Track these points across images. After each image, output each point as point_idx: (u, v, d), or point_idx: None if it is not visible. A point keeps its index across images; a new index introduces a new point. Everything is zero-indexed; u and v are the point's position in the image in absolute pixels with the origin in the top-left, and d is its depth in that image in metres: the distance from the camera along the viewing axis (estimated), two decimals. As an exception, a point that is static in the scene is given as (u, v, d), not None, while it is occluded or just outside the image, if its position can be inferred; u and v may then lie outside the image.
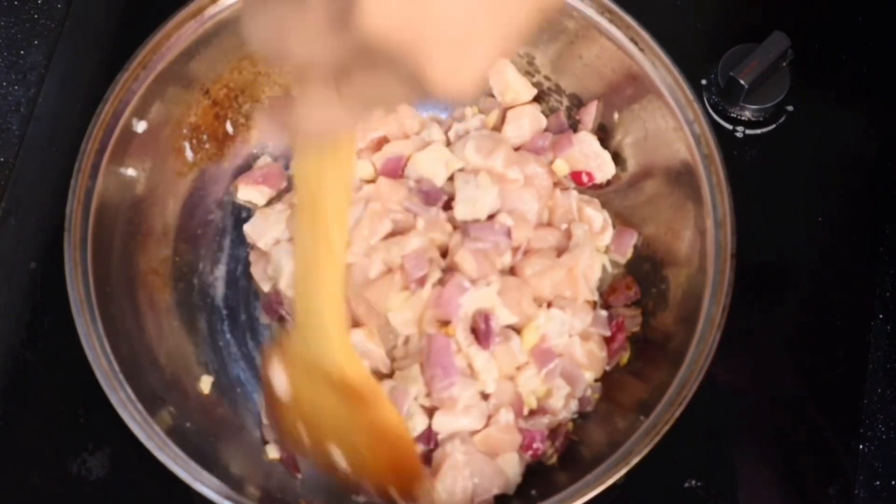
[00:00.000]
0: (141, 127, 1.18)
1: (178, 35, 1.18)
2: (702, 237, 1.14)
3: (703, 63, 1.35)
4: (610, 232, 1.23)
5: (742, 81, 1.32)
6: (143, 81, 1.16)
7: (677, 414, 1.05)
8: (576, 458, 1.15)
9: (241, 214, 1.29)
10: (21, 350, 1.23)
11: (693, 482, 1.20)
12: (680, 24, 1.33)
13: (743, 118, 1.36)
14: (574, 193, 1.23)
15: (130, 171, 1.18)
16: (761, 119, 1.37)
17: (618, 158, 1.27)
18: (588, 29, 1.22)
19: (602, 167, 1.25)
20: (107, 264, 1.13)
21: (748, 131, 1.36)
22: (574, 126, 1.30)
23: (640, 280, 1.23)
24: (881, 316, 1.28)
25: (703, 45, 1.37)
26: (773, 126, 1.37)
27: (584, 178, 1.26)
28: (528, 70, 1.31)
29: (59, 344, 1.22)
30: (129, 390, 1.06)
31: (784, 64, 1.35)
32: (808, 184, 1.35)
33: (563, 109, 1.31)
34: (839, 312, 1.28)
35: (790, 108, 1.37)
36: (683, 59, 1.18)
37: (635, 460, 1.04)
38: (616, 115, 1.26)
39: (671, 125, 1.18)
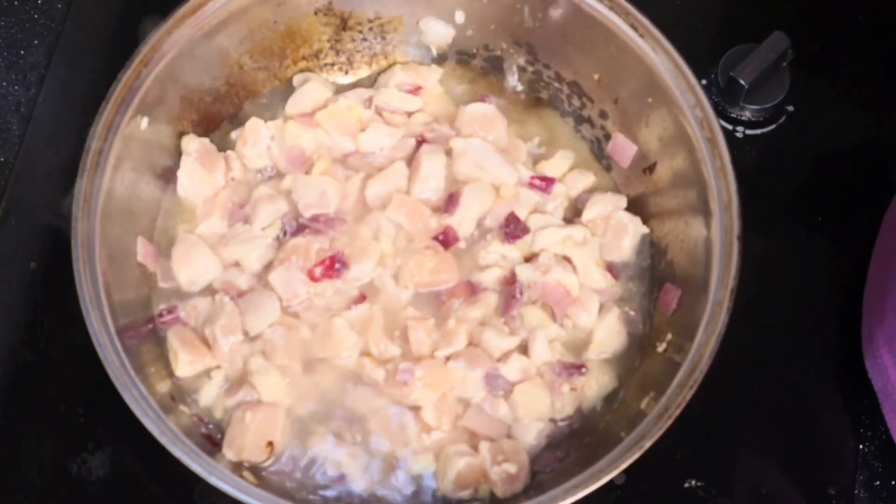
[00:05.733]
0: (144, 124, 1.18)
1: (178, 32, 1.18)
2: (707, 221, 1.15)
3: (703, 63, 1.35)
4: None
5: (742, 81, 1.32)
6: (145, 79, 1.16)
7: (689, 396, 1.06)
8: (590, 442, 1.15)
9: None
10: (21, 350, 1.23)
11: (693, 482, 1.20)
12: (680, 25, 1.33)
13: (743, 118, 1.36)
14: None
15: (134, 168, 1.18)
16: (761, 119, 1.37)
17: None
18: (588, 17, 1.22)
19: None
20: (113, 261, 1.13)
21: (748, 131, 1.37)
22: (575, 115, 1.32)
23: (647, 265, 1.24)
24: (881, 316, 1.28)
25: (703, 45, 1.37)
26: (773, 126, 1.37)
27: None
28: (528, 59, 1.31)
29: (59, 344, 1.23)
30: (142, 388, 1.06)
31: (784, 64, 1.35)
32: (808, 184, 1.35)
33: (563, 97, 1.32)
34: (839, 312, 1.28)
35: (790, 108, 1.37)
36: (684, 60, 1.19)
37: (648, 444, 1.05)
38: (617, 103, 1.27)
39: (673, 110, 1.18)
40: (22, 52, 1.38)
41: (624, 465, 1.04)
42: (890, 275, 1.20)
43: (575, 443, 1.16)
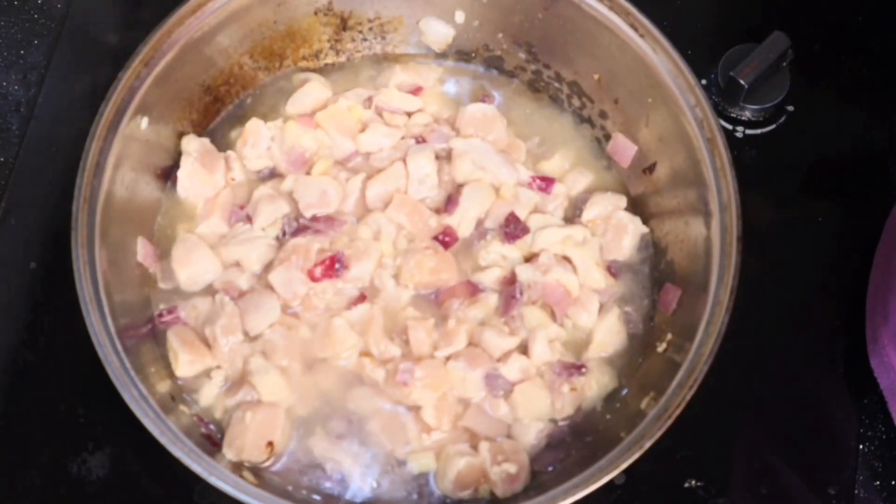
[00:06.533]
0: (144, 124, 1.18)
1: (178, 32, 1.18)
2: (707, 221, 1.15)
3: (703, 63, 1.35)
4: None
5: (742, 81, 1.32)
6: (144, 79, 1.16)
7: (689, 396, 1.06)
8: (590, 442, 1.15)
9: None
10: (21, 350, 1.23)
11: (693, 482, 1.20)
12: (680, 25, 1.33)
13: (743, 118, 1.37)
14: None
15: (134, 168, 1.18)
16: (761, 119, 1.37)
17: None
18: (588, 17, 1.22)
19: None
20: (113, 261, 1.13)
21: (748, 131, 1.37)
22: (575, 115, 1.32)
23: (647, 265, 1.25)
24: (881, 316, 1.28)
25: (703, 45, 1.37)
26: (773, 126, 1.37)
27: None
28: (528, 59, 1.31)
29: (59, 344, 1.23)
30: (142, 388, 1.06)
31: (784, 64, 1.35)
32: (808, 184, 1.35)
33: (563, 97, 1.32)
34: (839, 312, 1.28)
35: (790, 108, 1.37)
36: (683, 60, 1.19)
37: (648, 444, 1.05)
38: (617, 103, 1.27)
39: (673, 110, 1.18)
40: (22, 52, 1.38)
41: (624, 465, 1.04)
42: (893, 274, 1.20)
43: (575, 443, 1.16)
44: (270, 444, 1.14)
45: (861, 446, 1.23)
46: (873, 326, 1.21)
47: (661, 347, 1.17)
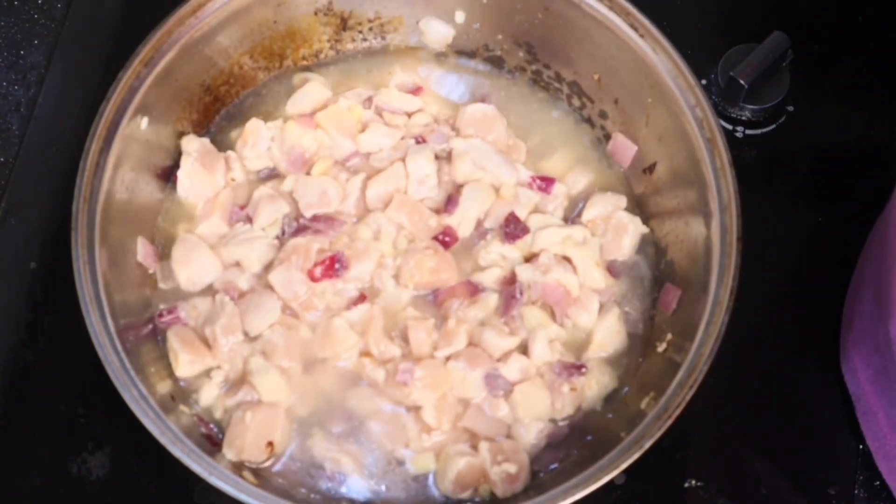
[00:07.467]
0: (144, 124, 1.18)
1: (178, 32, 1.18)
2: (707, 221, 1.15)
3: (703, 63, 1.35)
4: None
5: (742, 81, 1.32)
6: (144, 79, 1.16)
7: (689, 396, 1.06)
8: (590, 442, 1.15)
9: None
10: (21, 350, 1.23)
11: (693, 482, 1.20)
12: (680, 25, 1.33)
13: (743, 118, 1.37)
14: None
15: (134, 168, 1.18)
16: (761, 119, 1.37)
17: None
18: (588, 17, 1.22)
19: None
20: (113, 261, 1.13)
21: (748, 131, 1.37)
22: (575, 115, 1.32)
23: (647, 265, 1.25)
24: (881, 316, 1.28)
25: (703, 45, 1.37)
26: (773, 126, 1.37)
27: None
28: (528, 59, 1.31)
29: (59, 344, 1.23)
30: (142, 388, 1.06)
31: (784, 64, 1.35)
32: (807, 184, 1.35)
33: (563, 97, 1.32)
34: (839, 312, 1.28)
35: (790, 108, 1.37)
36: (683, 60, 1.19)
37: (648, 444, 1.05)
38: (617, 103, 1.27)
39: (673, 110, 1.18)
40: (22, 52, 1.38)
41: (624, 465, 1.04)
42: (860, 283, 1.20)
43: (575, 443, 1.16)
44: (270, 444, 1.14)
45: (861, 446, 1.23)
46: (844, 332, 1.23)
47: (661, 347, 1.17)
